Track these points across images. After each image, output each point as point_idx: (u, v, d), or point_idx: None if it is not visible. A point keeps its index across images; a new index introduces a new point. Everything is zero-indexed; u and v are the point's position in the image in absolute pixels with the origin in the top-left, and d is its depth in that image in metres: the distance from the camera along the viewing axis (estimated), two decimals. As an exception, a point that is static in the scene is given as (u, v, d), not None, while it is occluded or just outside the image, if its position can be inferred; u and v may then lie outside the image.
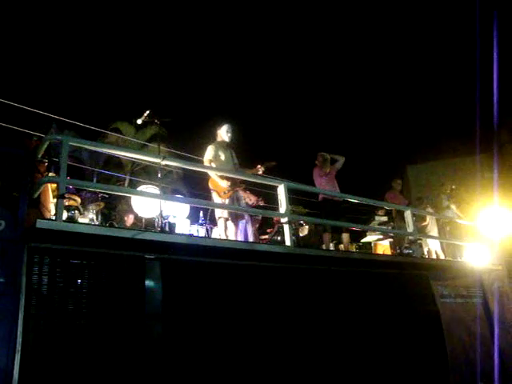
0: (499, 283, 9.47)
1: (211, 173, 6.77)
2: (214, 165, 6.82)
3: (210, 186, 6.85)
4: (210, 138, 7.27)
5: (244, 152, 7.95)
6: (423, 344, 7.10)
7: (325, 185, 8.36)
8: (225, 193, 6.70)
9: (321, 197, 8.31)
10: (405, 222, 8.99)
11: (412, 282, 7.60)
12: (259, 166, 7.11)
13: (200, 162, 7.28)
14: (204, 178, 7.00)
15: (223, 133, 7.13)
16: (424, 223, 10.49)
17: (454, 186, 11.34)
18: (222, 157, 6.92)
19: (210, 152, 6.92)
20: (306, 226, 9.33)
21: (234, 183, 6.80)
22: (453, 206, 10.88)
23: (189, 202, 7.99)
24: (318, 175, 8.48)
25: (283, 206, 6.42)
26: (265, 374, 5.43)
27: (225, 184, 6.64)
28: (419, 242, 9.18)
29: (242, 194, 7.15)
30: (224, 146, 7.06)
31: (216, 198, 6.82)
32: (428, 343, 7.21)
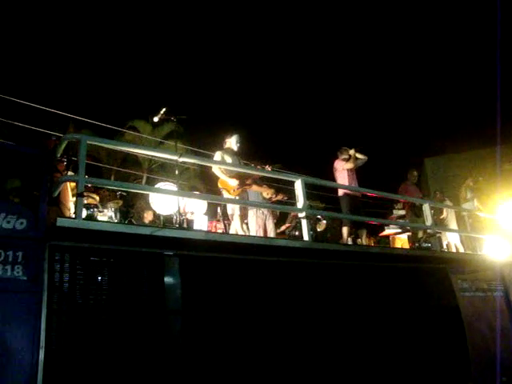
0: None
1: (220, 174, 6.94)
2: (221, 169, 6.98)
3: (220, 185, 7.03)
4: (222, 140, 7.52)
5: (252, 155, 8.14)
6: (444, 338, 7.04)
7: (350, 180, 8.31)
8: (234, 190, 6.90)
9: (342, 192, 8.27)
10: (417, 215, 8.95)
11: (431, 276, 7.53)
12: (267, 166, 7.46)
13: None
14: (217, 178, 7.11)
15: (233, 142, 7.40)
16: (442, 216, 10.41)
17: (480, 178, 11.21)
18: (230, 161, 7.09)
19: (217, 158, 7.17)
20: (324, 221, 9.32)
21: (243, 182, 6.99)
22: (475, 199, 10.77)
23: (206, 198, 8.02)
24: (341, 169, 8.41)
25: (300, 201, 6.42)
26: (285, 368, 5.43)
27: (234, 183, 6.87)
28: (438, 235, 9.10)
29: (256, 188, 7.27)
30: (231, 152, 7.31)
31: (226, 196, 6.99)
32: (448, 337, 7.15)
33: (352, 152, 8.46)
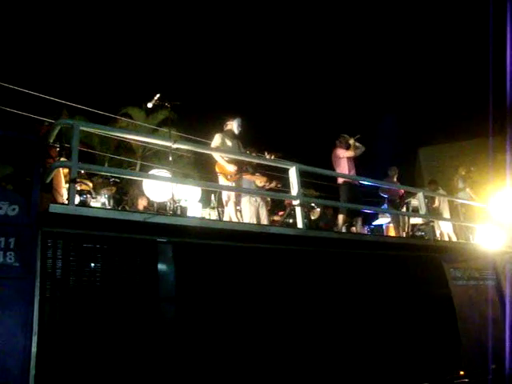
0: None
1: (218, 157, 6.88)
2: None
3: (217, 169, 6.99)
4: (218, 127, 7.48)
5: (251, 141, 8.09)
6: (436, 326, 7.09)
7: (349, 168, 8.30)
8: (231, 176, 6.82)
9: (341, 180, 8.27)
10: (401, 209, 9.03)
11: (424, 265, 7.56)
12: (267, 154, 7.38)
13: (210, 146, 7.35)
14: (214, 162, 7.07)
15: (234, 125, 7.36)
16: (434, 205, 10.45)
17: (472, 168, 11.25)
18: (229, 144, 7.11)
19: (217, 140, 7.12)
20: (318, 209, 9.33)
21: (241, 168, 6.92)
22: (467, 189, 10.80)
23: (200, 185, 8.00)
24: (341, 156, 8.39)
25: (295, 189, 6.41)
26: (276, 356, 5.45)
27: (232, 168, 6.82)
28: (431, 224, 9.14)
29: (249, 177, 7.24)
30: (231, 135, 7.26)
31: (222, 182, 6.96)
32: (441, 325, 7.20)
33: (352, 141, 8.45)
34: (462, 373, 7.18)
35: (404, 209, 9.69)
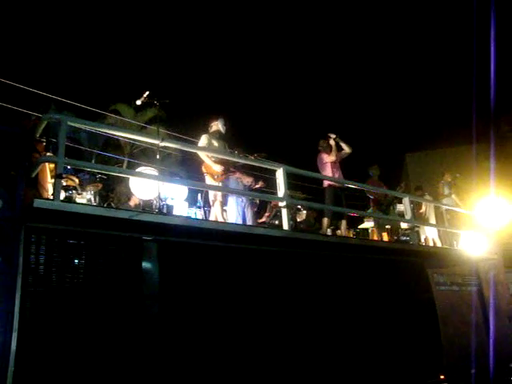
0: (495, 272, 9.52)
1: (205, 158, 6.88)
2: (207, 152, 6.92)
3: (204, 169, 6.98)
4: (205, 127, 7.48)
5: (237, 142, 8.12)
6: (418, 330, 7.15)
7: (333, 171, 8.30)
8: (218, 176, 6.82)
9: (326, 183, 8.28)
10: (384, 212, 9.07)
11: (408, 269, 7.63)
12: (252, 157, 7.42)
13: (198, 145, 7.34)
14: (201, 162, 7.06)
15: (220, 125, 7.36)
16: (420, 210, 10.52)
17: (458, 175, 11.34)
18: (216, 145, 7.12)
19: (203, 140, 7.14)
20: (304, 212, 9.34)
21: (227, 168, 6.93)
22: (453, 195, 10.90)
23: (187, 183, 7.96)
24: (324, 161, 8.39)
25: (281, 190, 6.42)
26: (259, 356, 5.46)
27: (218, 168, 6.83)
28: (416, 229, 9.20)
29: (237, 175, 7.25)
30: (217, 136, 7.25)
31: (209, 182, 6.95)
32: (423, 329, 7.26)
33: (332, 142, 8.44)
34: (442, 377, 7.24)
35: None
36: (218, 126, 7.34)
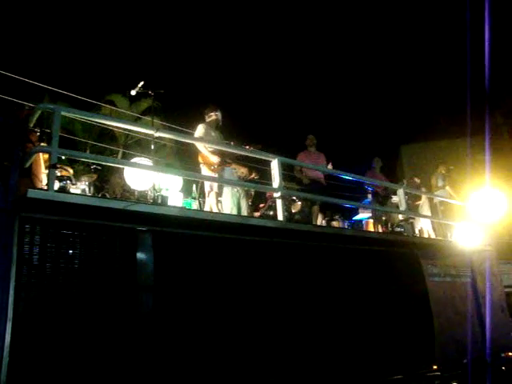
0: (488, 263, 9.57)
1: (201, 148, 6.82)
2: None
3: (200, 159, 6.96)
4: (201, 117, 7.50)
5: (232, 133, 8.14)
6: (411, 320, 7.20)
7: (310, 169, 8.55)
8: (214, 167, 6.78)
9: (307, 180, 8.46)
10: (381, 203, 9.13)
11: (402, 260, 7.66)
12: (248, 147, 7.38)
13: (193, 136, 7.33)
14: (197, 152, 7.05)
15: (218, 114, 7.41)
16: (418, 202, 10.58)
17: (451, 167, 11.39)
18: (213, 135, 7.09)
19: (200, 130, 7.14)
20: (299, 203, 9.35)
21: (224, 159, 6.88)
22: (447, 187, 10.95)
23: (181, 174, 7.94)
24: (304, 158, 8.65)
25: (276, 181, 6.42)
26: (254, 347, 5.48)
27: (215, 159, 6.81)
28: (411, 220, 9.24)
29: (233, 166, 7.25)
30: (213, 126, 7.23)
31: (205, 172, 6.94)
32: (415, 320, 7.31)
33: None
34: (435, 367, 7.30)
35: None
36: (215, 115, 7.33)
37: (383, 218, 9.66)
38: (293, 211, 9.00)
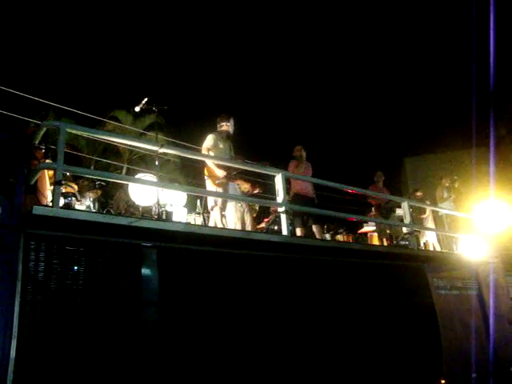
0: (494, 276, 9.51)
1: (208, 161, 6.79)
2: (212, 153, 6.86)
3: (206, 172, 6.92)
4: (210, 128, 7.37)
5: (242, 146, 8.12)
6: (418, 334, 7.13)
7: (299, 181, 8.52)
8: (219, 182, 6.76)
9: (292, 193, 8.46)
10: (385, 217, 9.10)
11: (408, 274, 7.62)
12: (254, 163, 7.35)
13: (197, 151, 7.32)
14: (201, 167, 7.04)
15: (231, 126, 7.29)
16: (423, 215, 10.55)
17: (455, 177, 11.39)
18: (221, 146, 7.00)
19: (210, 140, 6.98)
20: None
21: (229, 174, 6.84)
22: (452, 197, 10.94)
23: (186, 189, 7.99)
24: (293, 168, 8.64)
25: (280, 196, 6.42)
26: (259, 362, 5.44)
27: (221, 173, 6.73)
28: (416, 233, 9.22)
29: (238, 182, 7.23)
30: (224, 136, 7.14)
31: (210, 186, 6.91)
32: (423, 334, 7.24)
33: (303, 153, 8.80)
34: (442, 381, 7.22)
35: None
36: (227, 126, 7.27)
37: (387, 232, 9.65)
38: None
